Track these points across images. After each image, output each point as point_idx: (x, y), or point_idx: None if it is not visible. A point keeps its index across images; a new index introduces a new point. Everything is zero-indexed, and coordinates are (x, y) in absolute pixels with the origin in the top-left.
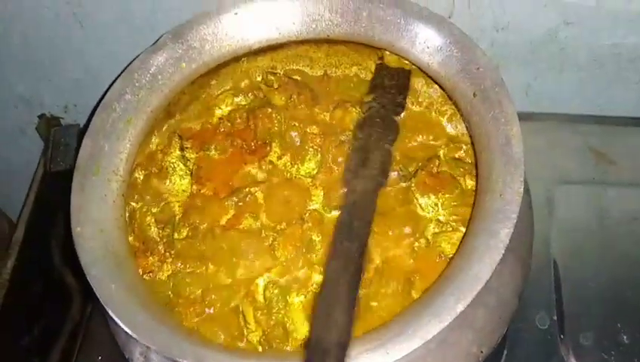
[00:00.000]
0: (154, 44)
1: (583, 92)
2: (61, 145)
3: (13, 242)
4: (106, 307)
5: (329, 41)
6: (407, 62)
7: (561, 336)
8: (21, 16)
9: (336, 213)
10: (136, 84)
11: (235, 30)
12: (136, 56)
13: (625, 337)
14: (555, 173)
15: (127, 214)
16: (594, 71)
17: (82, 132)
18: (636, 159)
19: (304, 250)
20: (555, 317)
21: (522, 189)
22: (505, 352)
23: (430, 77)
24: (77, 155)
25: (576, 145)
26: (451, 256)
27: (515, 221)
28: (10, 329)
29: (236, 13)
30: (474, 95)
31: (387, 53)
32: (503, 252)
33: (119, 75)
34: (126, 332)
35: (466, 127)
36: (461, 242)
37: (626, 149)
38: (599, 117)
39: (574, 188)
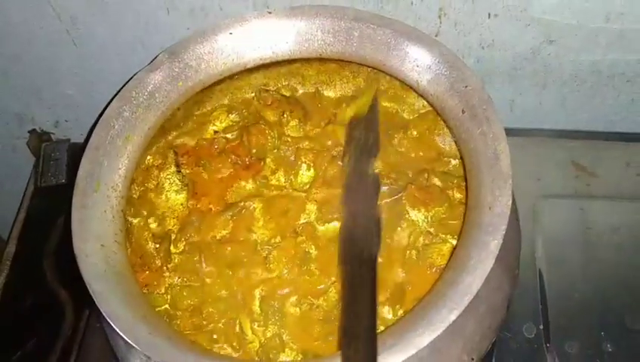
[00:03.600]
0: (151, 62)
1: (565, 107)
2: (52, 160)
3: (5, 257)
4: (109, 320)
5: (321, 59)
6: (397, 82)
7: (547, 345)
8: (14, 34)
9: (329, 226)
10: (134, 102)
11: (231, 49)
12: (134, 75)
13: (609, 346)
14: (540, 187)
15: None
16: (575, 87)
17: (72, 147)
18: (616, 172)
19: (299, 263)
20: (542, 327)
21: (510, 203)
22: (493, 360)
23: (419, 94)
24: (68, 170)
25: (559, 159)
26: (442, 266)
27: (504, 233)
28: (2, 345)
29: (231, 33)
30: (462, 112)
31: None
32: (492, 263)
33: (117, 93)
34: (128, 345)
35: (455, 143)
36: (452, 254)
37: (607, 163)
38: (581, 131)
39: (558, 201)
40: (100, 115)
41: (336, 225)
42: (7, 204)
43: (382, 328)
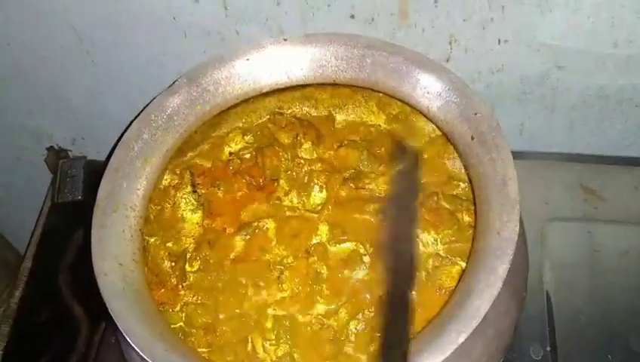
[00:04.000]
0: (170, 86)
1: (573, 131)
2: (68, 176)
3: (21, 272)
4: (127, 338)
5: (334, 84)
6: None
7: None
8: (35, 53)
9: (340, 247)
10: (153, 125)
11: (247, 74)
12: (153, 98)
13: None
14: (548, 210)
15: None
16: (584, 111)
17: (89, 164)
18: (624, 196)
19: (310, 283)
20: (549, 348)
21: (518, 228)
22: None
23: (430, 120)
24: (84, 187)
25: (567, 182)
26: (451, 288)
27: (511, 258)
28: (17, 359)
29: (248, 59)
30: (472, 138)
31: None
32: (500, 287)
33: (137, 116)
34: (144, 360)
35: (465, 168)
36: (461, 277)
37: (615, 187)
38: (589, 155)
39: (566, 225)
40: (120, 136)
41: (347, 246)
42: (24, 220)
43: None
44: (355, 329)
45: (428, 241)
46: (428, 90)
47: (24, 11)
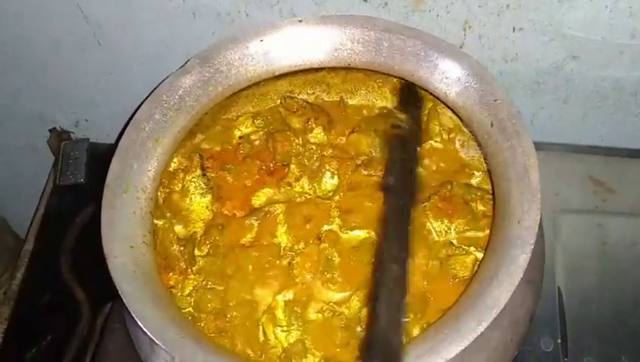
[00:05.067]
0: (182, 66)
1: (585, 123)
2: (71, 159)
3: (22, 255)
4: (138, 321)
5: (347, 68)
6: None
7: (565, 359)
8: (42, 36)
9: (352, 234)
10: (165, 105)
11: (261, 56)
12: (165, 78)
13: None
14: (558, 201)
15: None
16: (597, 103)
17: (92, 147)
18: (634, 189)
19: (322, 269)
20: (559, 341)
21: (539, 217)
22: None
23: (448, 106)
24: (87, 170)
25: (577, 174)
26: (464, 277)
27: (532, 247)
28: (18, 342)
29: (262, 40)
30: (491, 125)
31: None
32: (521, 276)
33: (148, 96)
34: (154, 346)
35: (483, 156)
36: (480, 266)
37: (626, 179)
38: (600, 147)
39: (576, 216)
40: (130, 117)
41: (358, 233)
42: (26, 202)
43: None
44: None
45: (441, 230)
46: (446, 75)
47: None
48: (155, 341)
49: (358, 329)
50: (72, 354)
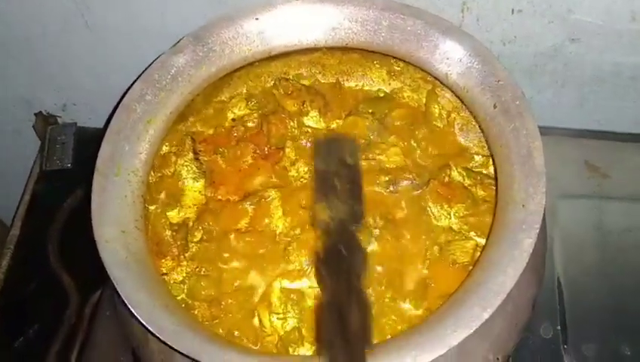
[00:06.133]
0: (175, 45)
1: (583, 107)
2: (58, 143)
3: (8, 241)
4: (131, 308)
5: (343, 49)
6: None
7: (565, 346)
8: (27, 16)
9: None
10: (157, 85)
11: (255, 35)
12: (157, 57)
13: (626, 349)
14: (554, 186)
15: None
16: (595, 87)
17: (79, 131)
18: (630, 173)
19: None
20: (559, 328)
21: (544, 200)
22: (510, 361)
23: (448, 87)
24: (74, 154)
25: (573, 158)
26: (465, 263)
27: (537, 231)
28: (4, 331)
29: (257, 19)
30: (494, 107)
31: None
32: (526, 262)
33: (139, 76)
34: (146, 333)
35: (485, 139)
36: (482, 251)
37: (621, 164)
38: (597, 131)
39: (572, 202)
40: (120, 100)
41: None
42: (11, 188)
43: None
44: None
45: (441, 215)
46: (448, 55)
47: None
48: (149, 328)
49: None
50: (60, 343)
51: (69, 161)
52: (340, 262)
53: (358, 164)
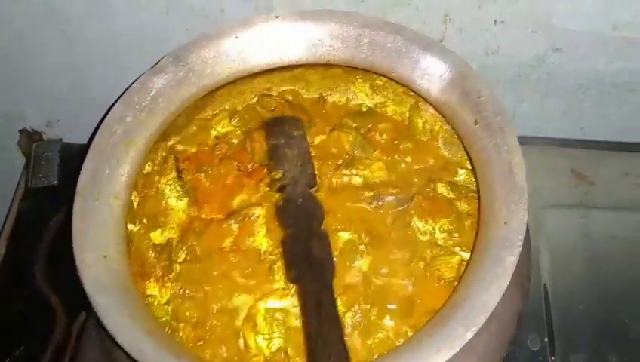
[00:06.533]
0: (154, 66)
1: (567, 116)
2: (43, 160)
3: None
4: (113, 335)
5: (326, 65)
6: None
7: (553, 358)
8: (7, 31)
9: (333, 236)
10: (137, 107)
11: (236, 54)
12: (137, 78)
13: (614, 359)
14: (540, 196)
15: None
16: (579, 95)
17: (65, 147)
18: (614, 182)
19: None
20: (546, 339)
21: (526, 217)
22: None
23: (430, 103)
24: (60, 171)
25: (559, 167)
26: (450, 279)
27: (520, 249)
28: None
29: (237, 37)
30: (475, 122)
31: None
32: (509, 280)
33: (119, 98)
34: (130, 360)
35: (467, 154)
36: (466, 269)
37: (607, 172)
38: (582, 140)
39: (559, 211)
40: (101, 119)
41: (342, 234)
42: None
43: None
44: (352, 321)
45: (425, 230)
46: (428, 71)
47: None
48: (130, 354)
49: None
50: None
51: (55, 178)
52: (298, 209)
53: (304, 135)
